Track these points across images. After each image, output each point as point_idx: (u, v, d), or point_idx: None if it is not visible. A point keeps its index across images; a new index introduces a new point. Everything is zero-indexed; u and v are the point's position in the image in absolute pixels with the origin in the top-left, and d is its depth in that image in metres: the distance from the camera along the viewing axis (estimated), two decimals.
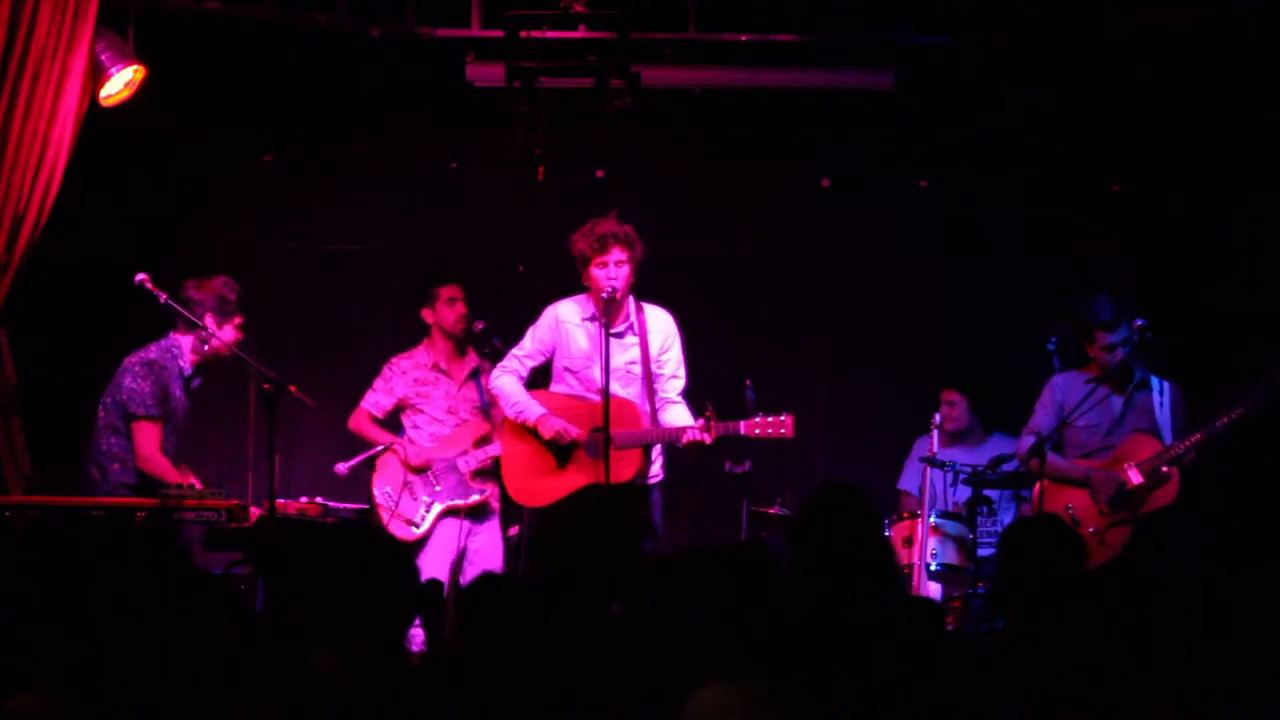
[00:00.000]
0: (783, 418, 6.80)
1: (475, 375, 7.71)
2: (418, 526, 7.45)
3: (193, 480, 6.60)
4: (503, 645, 3.48)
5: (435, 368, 7.71)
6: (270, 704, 3.30)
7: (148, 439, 6.84)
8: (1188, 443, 6.85)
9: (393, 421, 7.76)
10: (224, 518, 6.26)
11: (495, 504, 7.65)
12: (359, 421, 7.73)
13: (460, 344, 7.74)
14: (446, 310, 7.69)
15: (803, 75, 7.90)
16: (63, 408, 7.45)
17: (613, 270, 6.88)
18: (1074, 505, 6.95)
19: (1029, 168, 8.37)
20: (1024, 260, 8.53)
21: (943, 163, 8.58)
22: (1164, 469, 6.88)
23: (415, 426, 7.68)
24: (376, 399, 7.73)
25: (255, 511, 6.58)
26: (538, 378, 7.21)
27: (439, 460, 7.53)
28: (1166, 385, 7.07)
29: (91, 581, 3.27)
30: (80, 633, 3.20)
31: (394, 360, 7.77)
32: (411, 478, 7.50)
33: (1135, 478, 6.89)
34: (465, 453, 7.55)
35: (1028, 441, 7.06)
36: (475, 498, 7.52)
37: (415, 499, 7.49)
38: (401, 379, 7.71)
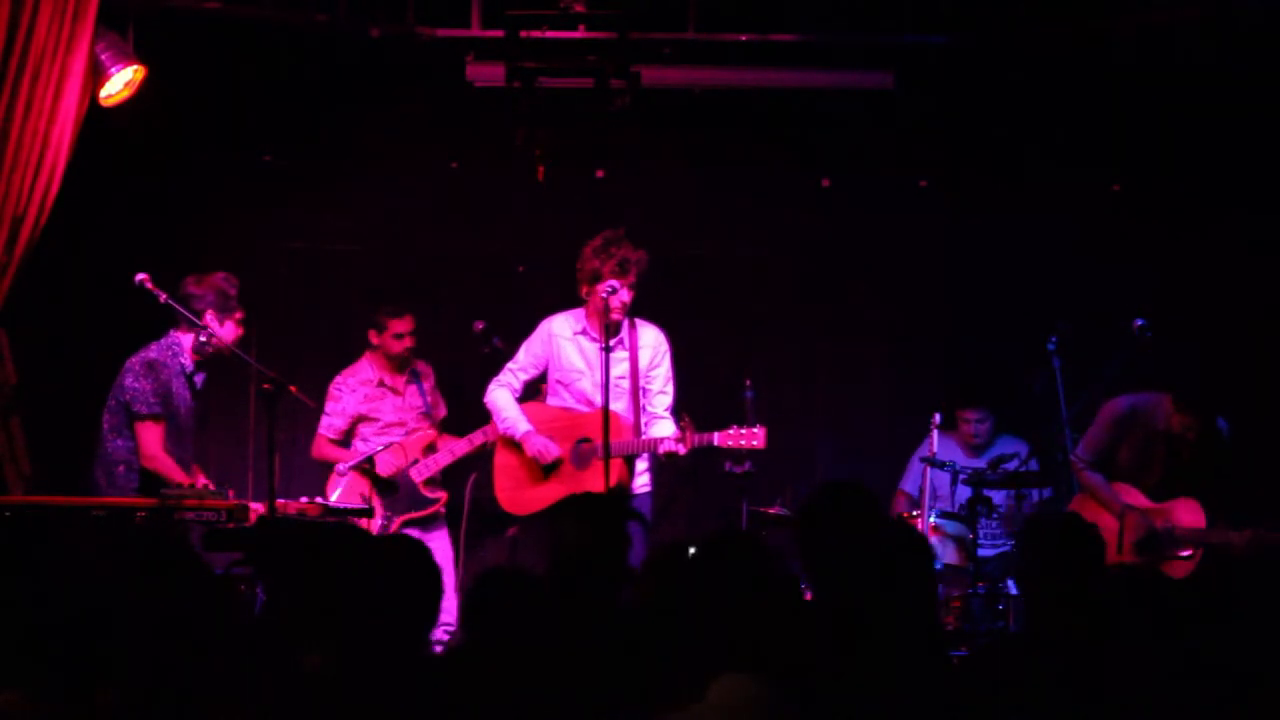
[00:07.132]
0: (755, 429, 6.90)
1: (415, 378, 7.73)
2: None
3: (205, 482, 6.61)
4: (510, 641, 3.47)
5: (380, 385, 7.74)
6: (269, 705, 3.29)
7: (151, 438, 6.84)
8: (1228, 538, 6.65)
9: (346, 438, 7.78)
10: (224, 518, 6.25)
11: (442, 509, 7.70)
12: (319, 448, 7.78)
13: (401, 364, 7.74)
14: (393, 343, 7.69)
15: (803, 75, 7.90)
16: (63, 408, 7.44)
17: (624, 294, 6.93)
18: (1100, 529, 6.85)
19: (1029, 167, 8.37)
20: (1024, 260, 8.52)
21: (943, 163, 8.58)
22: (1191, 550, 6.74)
23: (364, 439, 7.71)
24: (330, 422, 7.75)
25: (255, 511, 6.57)
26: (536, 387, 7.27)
27: (398, 472, 7.57)
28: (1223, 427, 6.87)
29: (92, 581, 3.26)
30: (79, 632, 3.19)
31: (338, 380, 7.80)
32: (368, 490, 7.49)
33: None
34: (416, 462, 7.57)
35: (1083, 461, 7.00)
36: (429, 508, 7.57)
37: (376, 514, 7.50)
38: (351, 396, 7.74)
